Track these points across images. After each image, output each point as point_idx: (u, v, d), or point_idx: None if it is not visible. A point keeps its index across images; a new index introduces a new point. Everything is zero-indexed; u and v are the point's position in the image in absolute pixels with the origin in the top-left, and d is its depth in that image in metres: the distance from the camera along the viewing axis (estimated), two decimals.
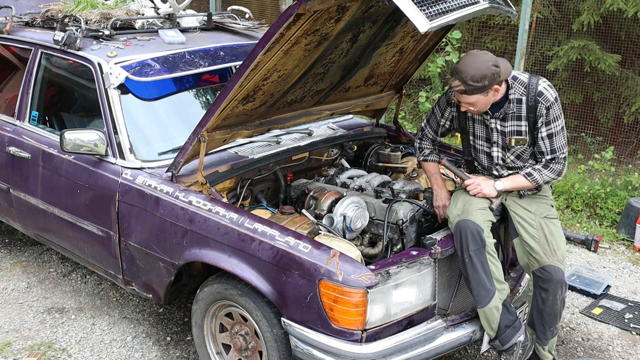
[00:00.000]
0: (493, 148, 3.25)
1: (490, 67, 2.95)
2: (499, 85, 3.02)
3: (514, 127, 3.14)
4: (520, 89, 3.09)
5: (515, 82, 3.10)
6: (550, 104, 3.06)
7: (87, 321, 4.04)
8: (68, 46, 3.74)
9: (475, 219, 3.08)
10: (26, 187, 3.99)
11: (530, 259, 3.19)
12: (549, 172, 3.15)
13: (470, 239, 3.02)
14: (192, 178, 3.31)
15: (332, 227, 3.21)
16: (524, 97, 3.09)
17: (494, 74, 2.96)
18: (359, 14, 3.00)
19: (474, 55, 3.01)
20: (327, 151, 3.98)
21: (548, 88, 3.08)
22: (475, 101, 3.04)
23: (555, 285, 3.14)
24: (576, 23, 6.36)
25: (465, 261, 3.04)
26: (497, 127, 3.18)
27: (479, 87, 2.97)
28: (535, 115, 3.08)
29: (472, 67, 2.96)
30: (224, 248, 3.01)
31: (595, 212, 5.67)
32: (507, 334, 3.10)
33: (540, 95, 3.06)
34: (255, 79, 3.00)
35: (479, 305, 3.07)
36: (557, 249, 3.17)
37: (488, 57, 2.99)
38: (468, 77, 2.96)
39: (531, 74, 3.13)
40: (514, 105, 3.11)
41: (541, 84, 3.08)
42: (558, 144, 3.12)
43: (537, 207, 3.23)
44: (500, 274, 3.12)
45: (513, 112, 3.12)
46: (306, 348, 2.84)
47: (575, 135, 6.75)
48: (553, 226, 3.21)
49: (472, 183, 3.22)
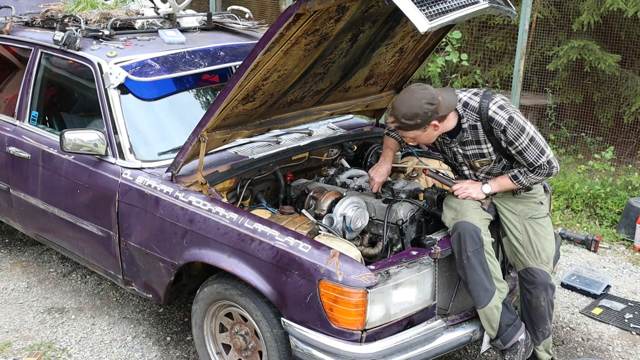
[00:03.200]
0: (462, 167, 3.27)
1: (423, 105, 2.90)
2: (438, 121, 2.98)
3: (476, 151, 3.13)
4: (473, 116, 3.04)
5: (467, 109, 3.05)
6: (504, 127, 2.98)
7: (87, 321, 4.04)
8: (68, 46, 3.74)
9: (472, 219, 3.08)
10: (26, 187, 3.99)
11: (516, 259, 3.21)
12: (536, 175, 3.10)
13: (468, 240, 3.02)
14: (192, 178, 3.31)
15: (332, 227, 3.21)
16: (478, 122, 3.04)
17: (427, 112, 2.90)
18: (358, 14, 3.00)
19: (410, 92, 2.96)
20: (327, 151, 3.98)
21: (498, 111, 2.98)
22: (413, 137, 3.04)
23: (539, 287, 3.14)
24: (576, 23, 6.36)
25: (463, 262, 3.03)
26: (459, 150, 3.17)
27: (412, 124, 2.94)
28: (495, 137, 3.05)
29: (405, 105, 2.93)
30: (224, 248, 3.01)
31: (595, 212, 5.67)
32: (509, 332, 3.09)
33: (491, 121, 3.00)
34: (255, 79, 3.00)
35: (479, 305, 3.07)
36: (541, 251, 3.15)
37: (423, 95, 2.92)
38: (400, 115, 2.94)
39: (483, 95, 3.04)
40: (470, 132, 3.07)
41: (491, 108, 2.99)
42: (532, 156, 3.03)
43: (523, 207, 3.21)
44: (499, 273, 3.12)
45: (470, 139, 3.09)
46: (306, 348, 2.84)
47: (575, 135, 6.75)
48: (538, 227, 3.19)
49: (459, 188, 3.21)
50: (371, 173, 3.49)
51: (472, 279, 3.03)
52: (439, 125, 3.01)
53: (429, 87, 2.98)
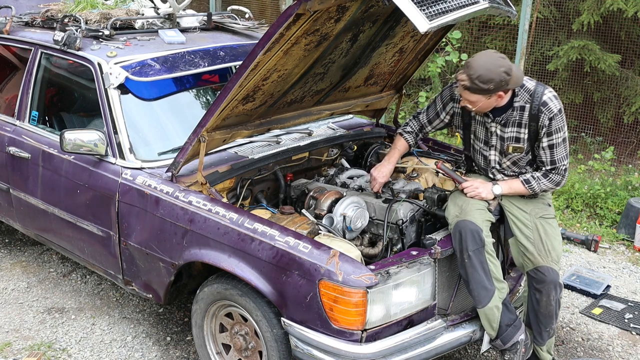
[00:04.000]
0: (490, 151, 3.24)
1: (501, 73, 2.90)
2: (504, 92, 2.99)
3: (514, 134, 3.13)
4: (525, 97, 3.06)
5: (522, 89, 3.06)
6: (554, 115, 3.02)
7: (87, 321, 4.04)
8: (68, 46, 3.74)
9: (474, 219, 3.08)
10: (26, 187, 3.99)
11: (525, 259, 3.19)
12: (548, 181, 3.14)
13: (469, 239, 3.02)
14: (192, 178, 3.31)
15: (332, 227, 3.21)
16: (527, 104, 3.05)
17: (502, 80, 2.91)
18: (358, 13, 3.00)
19: (489, 56, 2.96)
20: (327, 151, 3.98)
21: (553, 99, 3.04)
22: (475, 100, 3.02)
23: (548, 286, 3.14)
24: (576, 23, 6.36)
25: (464, 261, 3.04)
26: (497, 131, 3.17)
27: (483, 89, 2.93)
28: (538, 124, 3.05)
29: (484, 68, 2.91)
30: (224, 248, 3.01)
31: (595, 212, 5.67)
32: (509, 332, 3.10)
33: (544, 105, 3.02)
34: (255, 79, 3.00)
35: (479, 305, 3.07)
36: (551, 249, 3.16)
37: (503, 63, 2.93)
38: (475, 76, 2.92)
39: (538, 82, 3.10)
40: (517, 112, 3.08)
41: (547, 94, 3.04)
42: (559, 155, 3.09)
43: (533, 207, 3.23)
44: (500, 273, 3.12)
45: (515, 119, 3.10)
46: (306, 348, 2.84)
47: (575, 135, 6.75)
48: (548, 226, 3.20)
49: (469, 186, 3.21)
50: (373, 172, 3.49)
51: (473, 279, 3.03)
52: (503, 97, 3.00)
53: (505, 56, 3.00)
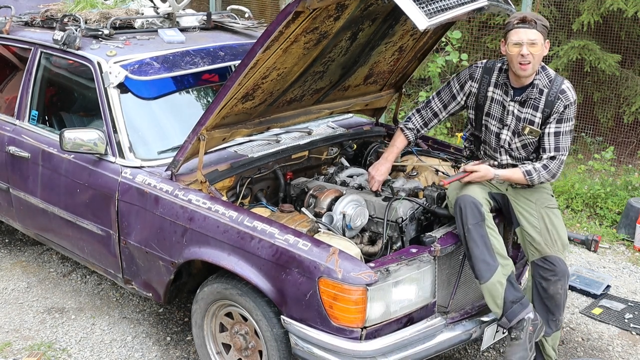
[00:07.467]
0: (503, 130, 3.27)
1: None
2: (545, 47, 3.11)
3: (529, 116, 3.18)
4: (545, 80, 3.16)
5: (543, 71, 3.18)
6: (569, 104, 3.14)
7: (87, 321, 4.03)
8: (67, 45, 3.75)
9: (474, 193, 3.11)
10: (26, 186, 3.99)
11: (531, 248, 3.20)
12: (546, 173, 3.18)
13: (469, 213, 3.03)
14: (192, 177, 3.30)
15: (332, 225, 3.21)
16: (546, 89, 3.15)
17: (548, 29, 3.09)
18: (358, 12, 3.00)
19: None
20: (327, 150, 3.98)
21: (571, 89, 3.17)
22: (535, 38, 3.05)
23: (557, 275, 3.15)
24: (576, 23, 6.36)
25: (465, 235, 3.04)
26: (513, 110, 3.21)
27: (544, 25, 3.06)
28: (552, 110, 3.14)
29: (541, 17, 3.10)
30: (224, 246, 3.01)
31: (595, 212, 5.66)
32: (514, 309, 3.03)
33: (562, 93, 3.14)
34: (255, 77, 3.00)
35: (481, 280, 3.04)
36: (557, 238, 3.18)
37: None
38: (536, 17, 3.07)
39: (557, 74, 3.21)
40: (536, 92, 3.16)
41: (565, 83, 3.17)
42: (563, 144, 3.17)
43: (539, 196, 3.25)
44: (503, 249, 3.10)
45: (532, 100, 3.16)
46: (306, 346, 2.84)
47: (575, 135, 6.74)
48: (554, 216, 3.23)
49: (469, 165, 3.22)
50: (371, 171, 3.49)
51: (473, 253, 3.02)
52: (546, 49, 3.11)
53: None
